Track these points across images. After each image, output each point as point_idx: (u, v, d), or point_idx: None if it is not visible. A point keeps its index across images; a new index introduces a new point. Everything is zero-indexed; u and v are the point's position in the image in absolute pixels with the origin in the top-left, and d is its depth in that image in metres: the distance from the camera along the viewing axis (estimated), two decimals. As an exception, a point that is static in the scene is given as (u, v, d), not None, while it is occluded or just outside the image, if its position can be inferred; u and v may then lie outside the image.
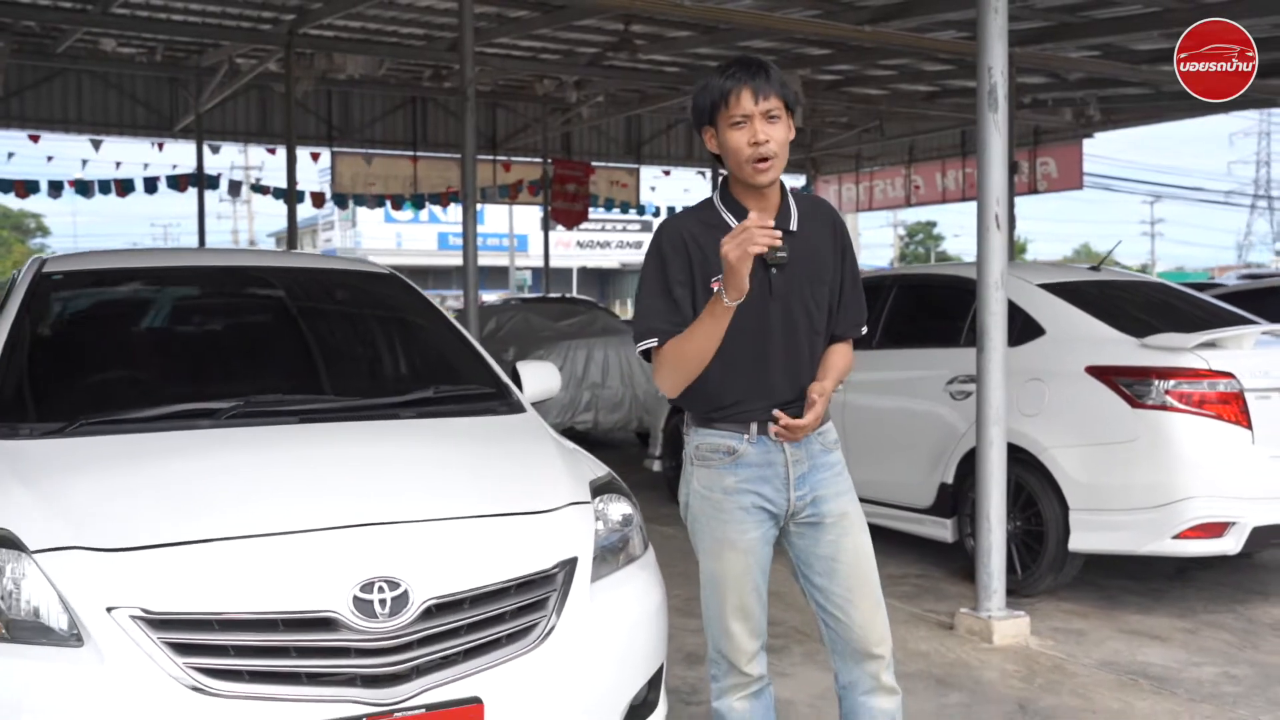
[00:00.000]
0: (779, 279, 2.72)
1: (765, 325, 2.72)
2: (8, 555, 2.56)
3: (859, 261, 3.23)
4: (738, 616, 2.83)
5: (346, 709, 2.49)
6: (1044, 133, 19.38)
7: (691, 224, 2.79)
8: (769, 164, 2.67)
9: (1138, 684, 4.41)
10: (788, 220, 2.76)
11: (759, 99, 2.64)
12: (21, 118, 16.89)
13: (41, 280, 3.83)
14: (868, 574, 2.85)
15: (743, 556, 2.80)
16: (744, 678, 2.88)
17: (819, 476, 2.81)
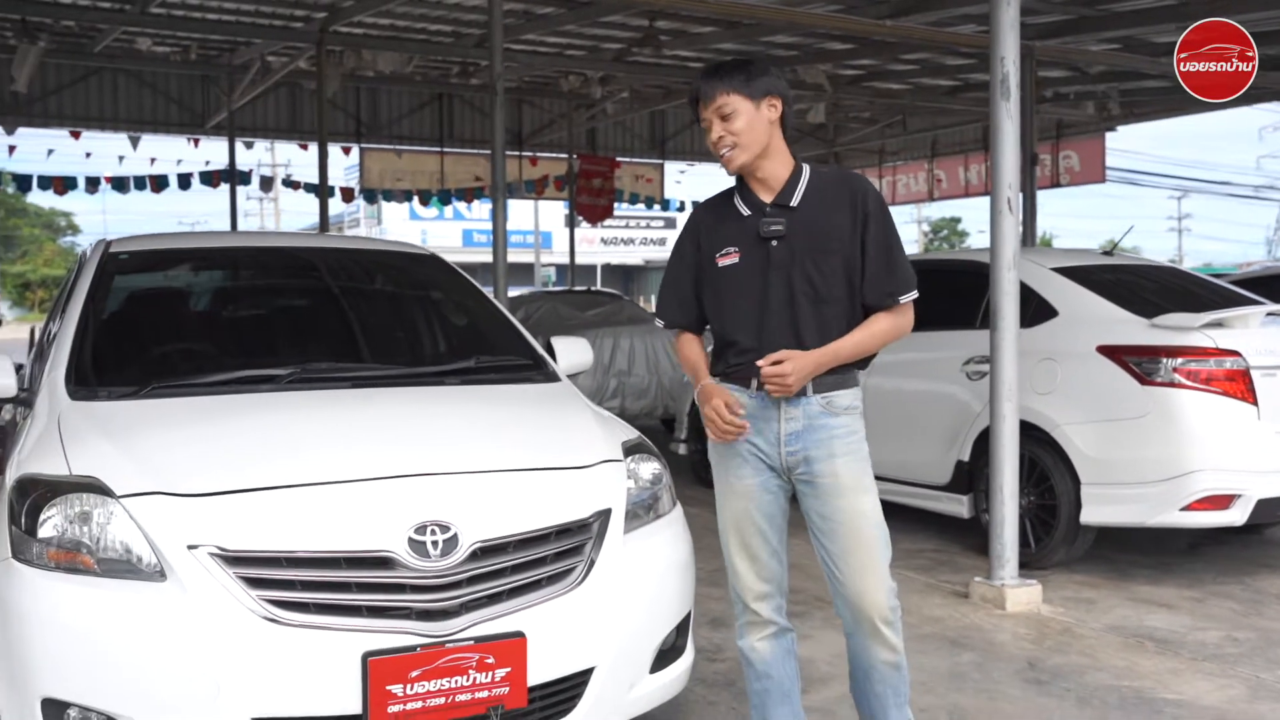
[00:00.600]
0: (779, 250, 2.98)
1: (765, 293, 2.99)
2: (97, 500, 2.83)
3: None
4: (742, 555, 3.09)
5: (403, 639, 2.73)
6: (1066, 126, 19.47)
7: (708, 209, 3.17)
8: (731, 152, 2.99)
9: (1143, 645, 4.61)
10: (789, 197, 3.01)
11: (706, 104, 3.00)
12: (60, 116, 17.27)
13: (109, 260, 4.10)
14: (866, 536, 3.00)
15: (741, 499, 3.07)
16: (755, 616, 3.12)
17: (815, 437, 3.00)
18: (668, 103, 18.74)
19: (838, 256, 2.99)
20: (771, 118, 2.99)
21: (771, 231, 2.98)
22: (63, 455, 2.99)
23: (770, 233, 2.98)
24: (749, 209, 3.05)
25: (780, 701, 3.18)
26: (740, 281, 3.01)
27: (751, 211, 3.04)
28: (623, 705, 3.15)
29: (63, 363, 3.51)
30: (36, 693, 2.68)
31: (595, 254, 49.32)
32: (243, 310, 4.36)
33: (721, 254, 3.04)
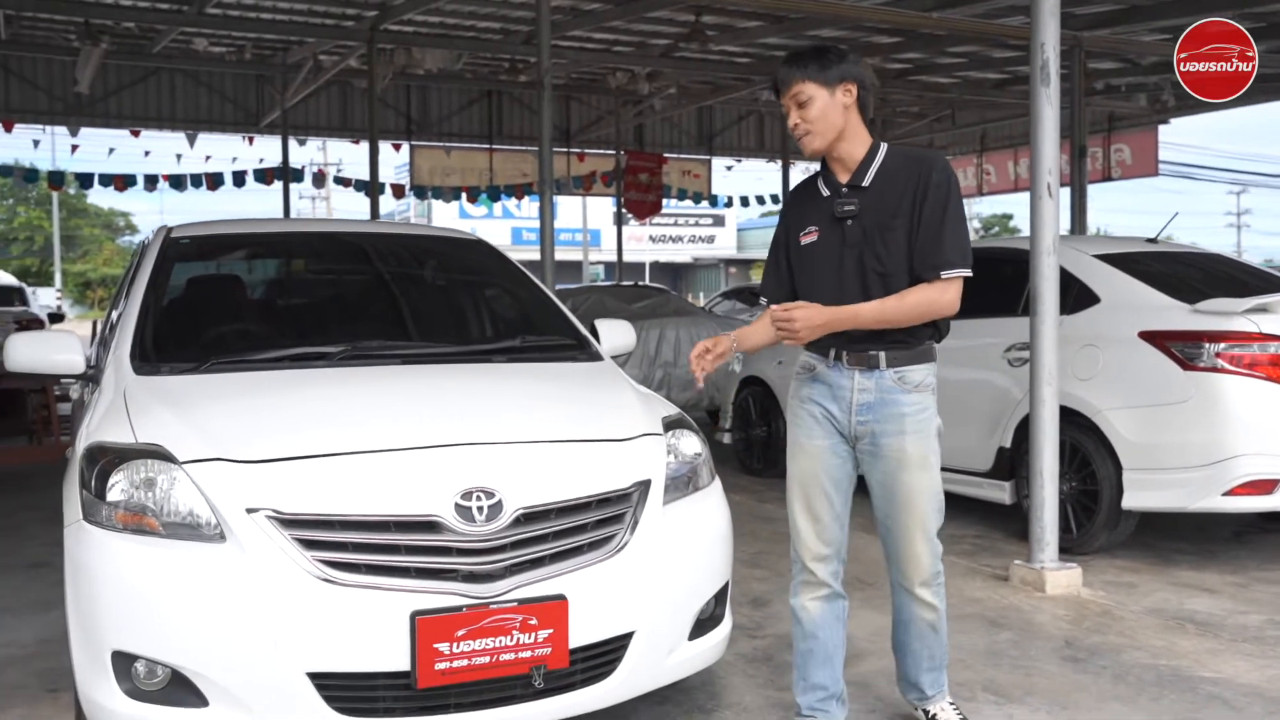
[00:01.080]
0: (853, 229, 3.15)
1: (840, 270, 3.15)
2: (161, 466, 2.97)
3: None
4: (805, 515, 3.25)
5: (449, 600, 2.85)
6: (1118, 119, 19.27)
7: (798, 191, 3.41)
8: (806, 139, 3.16)
9: (1183, 627, 4.63)
10: (862, 178, 3.16)
11: (783, 91, 3.17)
12: (120, 116, 17.70)
13: (170, 245, 4.27)
14: (918, 508, 3.22)
15: (810, 459, 3.24)
16: (811, 576, 3.27)
17: (885, 411, 3.17)
18: (715, 98, 18.81)
19: (902, 233, 3.11)
20: (847, 103, 3.13)
21: (845, 211, 3.15)
22: (129, 425, 3.15)
23: (844, 212, 3.15)
24: (828, 189, 3.23)
25: (822, 664, 3.30)
26: (819, 259, 3.20)
27: (830, 192, 3.22)
28: (662, 670, 3.26)
29: (128, 341, 3.67)
30: (107, 645, 2.84)
31: (643, 251, 49.46)
32: (297, 292, 4.52)
33: (804, 233, 3.24)
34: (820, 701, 3.32)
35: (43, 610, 4.88)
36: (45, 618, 4.75)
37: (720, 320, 11.59)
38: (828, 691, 3.32)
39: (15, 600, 5.07)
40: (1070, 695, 3.86)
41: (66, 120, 17.52)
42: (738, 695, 3.87)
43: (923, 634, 3.34)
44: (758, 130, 22.20)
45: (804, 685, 3.34)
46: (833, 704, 3.34)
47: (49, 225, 55.07)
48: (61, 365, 3.73)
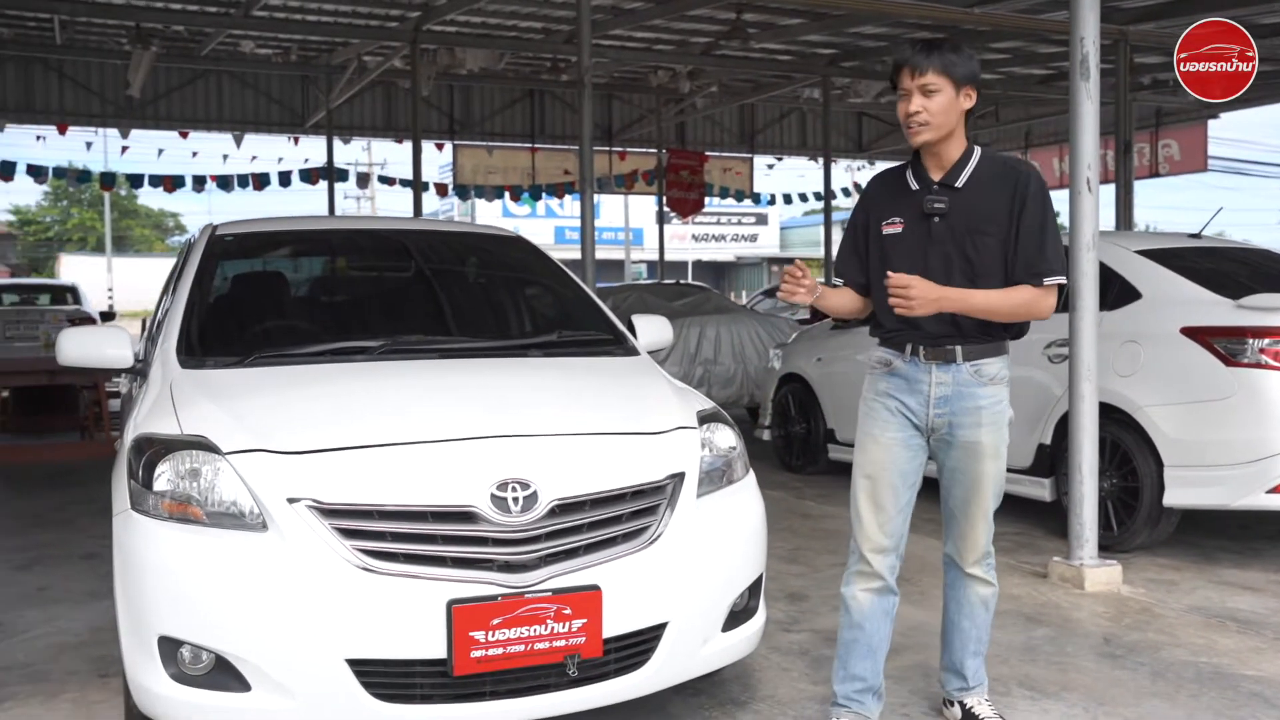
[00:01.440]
0: (940, 226, 3.21)
1: (925, 264, 3.19)
2: (205, 457, 3.05)
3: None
4: (870, 505, 3.28)
5: (485, 589, 2.90)
6: (1166, 114, 19.03)
7: (883, 178, 3.43)
8: (923, 129, 3.16)
9: (1224, 625, 4.59)
10: (956, 178, 3.22)
11: (914, 75, 3.14)
12: (169, 118, 18.00)
13: (215, 242, 4.36)
14: (983, 494, 3.32)
15: (883, 450, 3.28)
16: (867, 567, 3.30)
17: (962, 405, 3.24)
18: (757, 96, 18.79)
19: (994, 239, 3.19)
20: (965, 106, 3.19)
21: (934, 209, 3.21)
22: (175, 416, 3.23)
23: (933, 209, 3.21)
24: (918, 184, 3.27)
25: (865, 655, 3.33)
26: (901, 250, 3.24)
27: (920, 186, 3.26)
28: (695, 661, 3.29)
29: (174, 335, 3.76)
30: (154, 631, 2.91)
31: (686, 250, 49.44)
32: (338, 288, 4.60)
33: (887, 222, 3.28)
34: (857, 692, 3.35)
35: (94, 600, 5.00)
36: (97, 607, 4.87)
37: (761, 318, 11.58)
38: (866, 684, 3.35)
39: (68, 590, 5.20)
40: (1107, 691, 3.85)
41: (118, 123, 17.85)
42: (771, 688, 3.89)
43: (974, 612, 3.42)
44: (799, 128, 22.14)
45: (843, 674, 3.38)
46: (869, 697, 3.36)
47: (101, 225, 56.02)
48: (111, 360, 3.82)
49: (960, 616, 3.45)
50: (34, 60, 16.62)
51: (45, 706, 3.76)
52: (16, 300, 16.76)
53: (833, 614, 4.75)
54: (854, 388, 7.55)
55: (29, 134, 17.86)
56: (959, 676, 3.50)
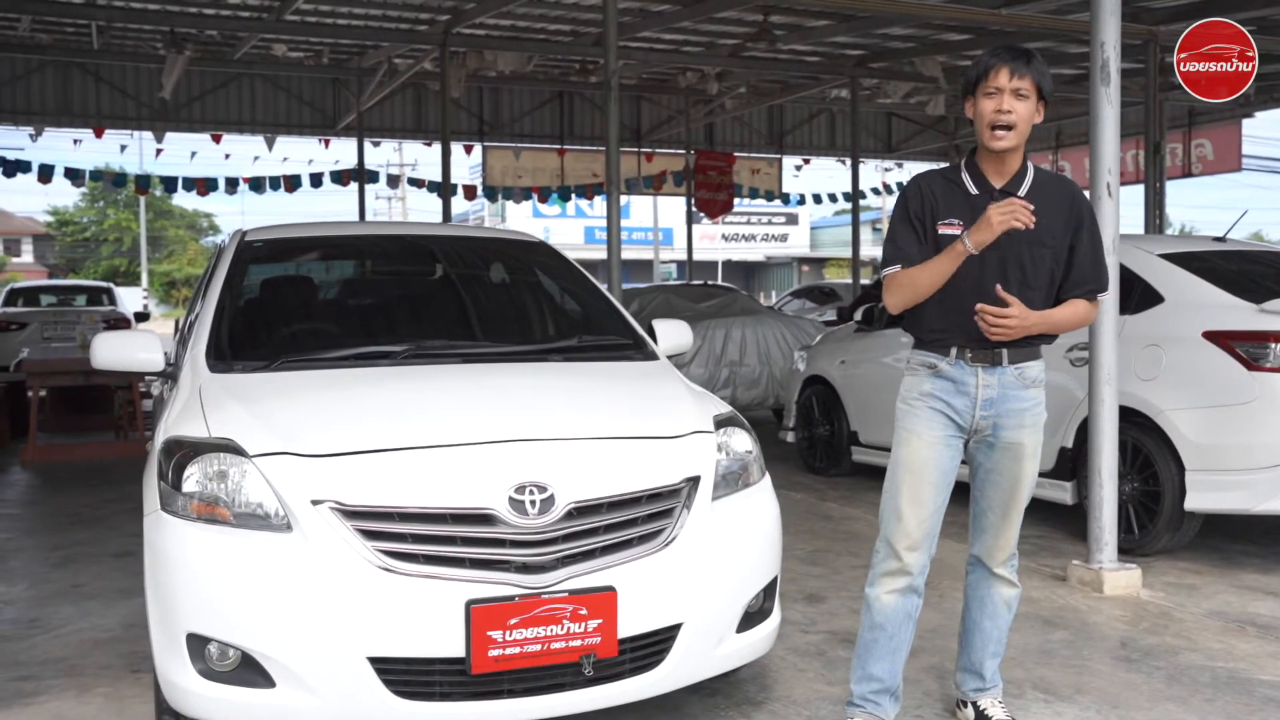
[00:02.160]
0: (1001, 235, 3.20)
1: (981, 272, 3.22)
2: (232, 459, 3.14)
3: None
4: (911, 500, 3.31)
5: (503, 589, 2.97)
6: (1198, 114, 18.87)
7: (934, 180, 3.39)
8: (1006, 133, 3.17)
9: (1243, 630, 4.60)
10: (1018, 187, 3.26)
11: (1013, 76, 3.17)
12: (202, 120, 18.24)
13: (245, 248, 4.46)
14: (1020, 495, 3.39)
15: (926, 447, 3.31)
16: (899, 564, 3.32)
17: (1007, 406, 3.30)
18: (785, 97, 18.80)
19: (1048, 250, 3.25)
20: (1038, 119, 3.25)
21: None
22: (203, 420, 3.32)
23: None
24: (977, 189, 3.29)
25: (884, 656, 3.36)
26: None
27: (980, 191, 3.28)
28: (710, 661, 3.35)
29: (203, 340, 3.86)
30: (182, 628, 3.00)
31: (716, 250, 49.43)
32: (363, 293, 4.69)
33: (945, 222, 3.28)
34: (873, 693, 3.38)
35: (126, 597, 5.12)
36: (129, 603, 4.99)
37: (787, 320, 11.61)
38: (883, 685, 3.38)
39: (102, 587, 5.32)
40: (1121, 695, 3.87)
41: (153, 126, 18.10)
42: (787, 688, 3.95)
43: (998, 612, 3.47)
44: (828, 129, 22.13)
45: (861, 674, 3.41)
46: (885, 698, 3.39)
47: (136, 226, 56.66)
48: (142, 363, 3.93)
49: (983, 617, 3.49)
50: (72, 65, 16.89)
51: (78, 700, 3.87)
52: (54, 301, 17.04)
53: (851, 616, 4.80)
54: (878, 390, 7.66)
55: (66, 137, 18.16)
56: (977, 677, 3.54)
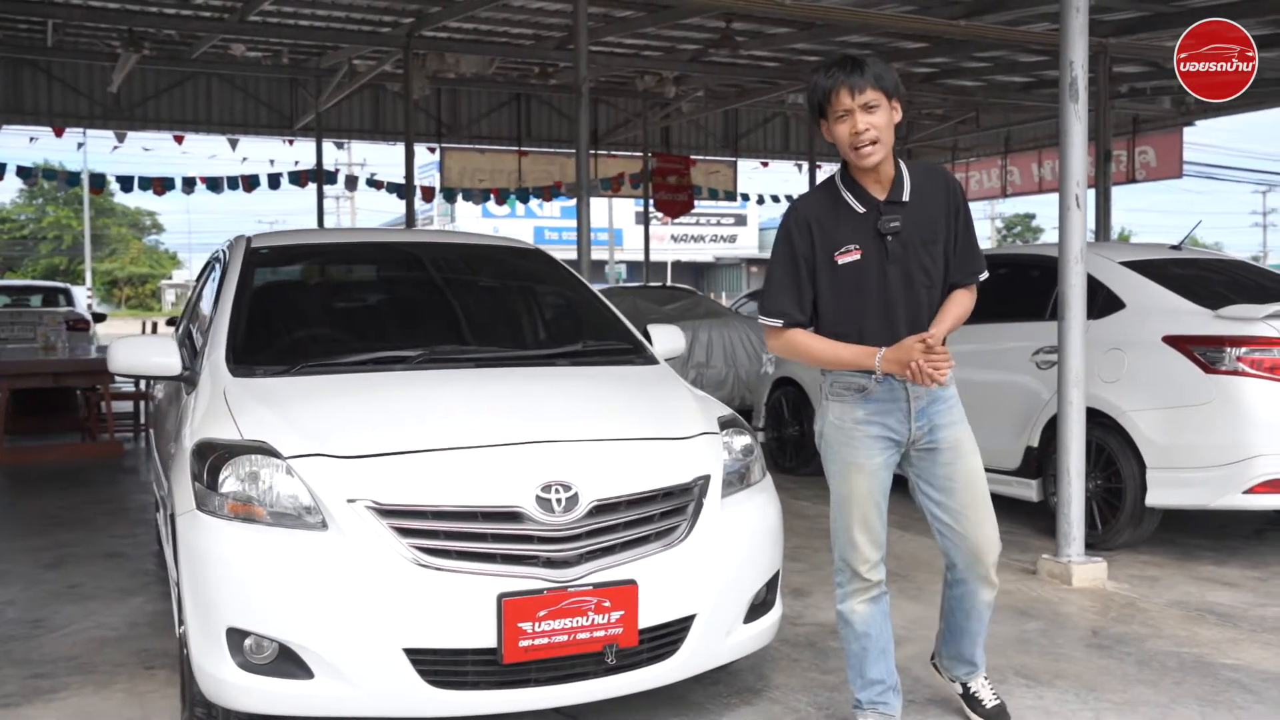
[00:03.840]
0: (895, 244, 3.22)
1: (886, 285, 3.23)
2: (266, 461, 3.27)
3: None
4: (861, 529, 3.37)
5: (531, 583, 3.13)
6: (1143, 121, 19.39)
7: (814, 206, 3.31)
8: (872, 148, 3.14)
9: (1204, 619, 4.87)
10: (901, 193, 3.23)
11: (855, 94, 3.11)
12: (157, 119, 18.07)
13: (252, 254, 4.57)
14: (980, 491, 3.41)
15: (868, 478, 3.33)
16: (865, 583, 3.42)
17: (936, 409, 3.35)
18: (741, 101, 19.05)
19: (939, 245, 3.28)
20: (896, 119, 3.20)
21: (891, 228, 3.19)
22: (233, 423, 3.45)
23: (890, 229, 3.19)
24: (863, 205, 3.23)
25: (878, 658, 3.49)
26: (862, 276, 3.21)
27: (866, 208, 3.23)
28: (720, 650, 3.53)
29: (221, 344, 3.97)
30: (222, 623, 3.13)
31: (665, 251, 49.66)
32: (373, 300, 4.82)
33: (841, 252, 3.21)
34: (880, 694, 3.50)
35: (126, 596, 5.20)
36: (131, 603, 5.07)
37: (751, 322, 11.84)
38: (885, 684, 3.51)
39: (100, 587, 5.39)
40: (1096, 679, 4.11)
41: (105, 124, 17.92)
42: (784, 678, 4.14)
43: (982, 615, 3.54)
44: (783, 132, 22.43)
45: (862, 682, 3.50)
46: (890, 695, 3.52)
47: (77, 224, 55.74)
48: (160, 368, 4.04)
49: (969, 621, 3.56)
50: (23, 62, 16.69)
51: (99, 696, 3.96)
52: (8, 302, 16.84)
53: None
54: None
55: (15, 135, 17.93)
56: (967, 664, 3.68)
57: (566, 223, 46.32)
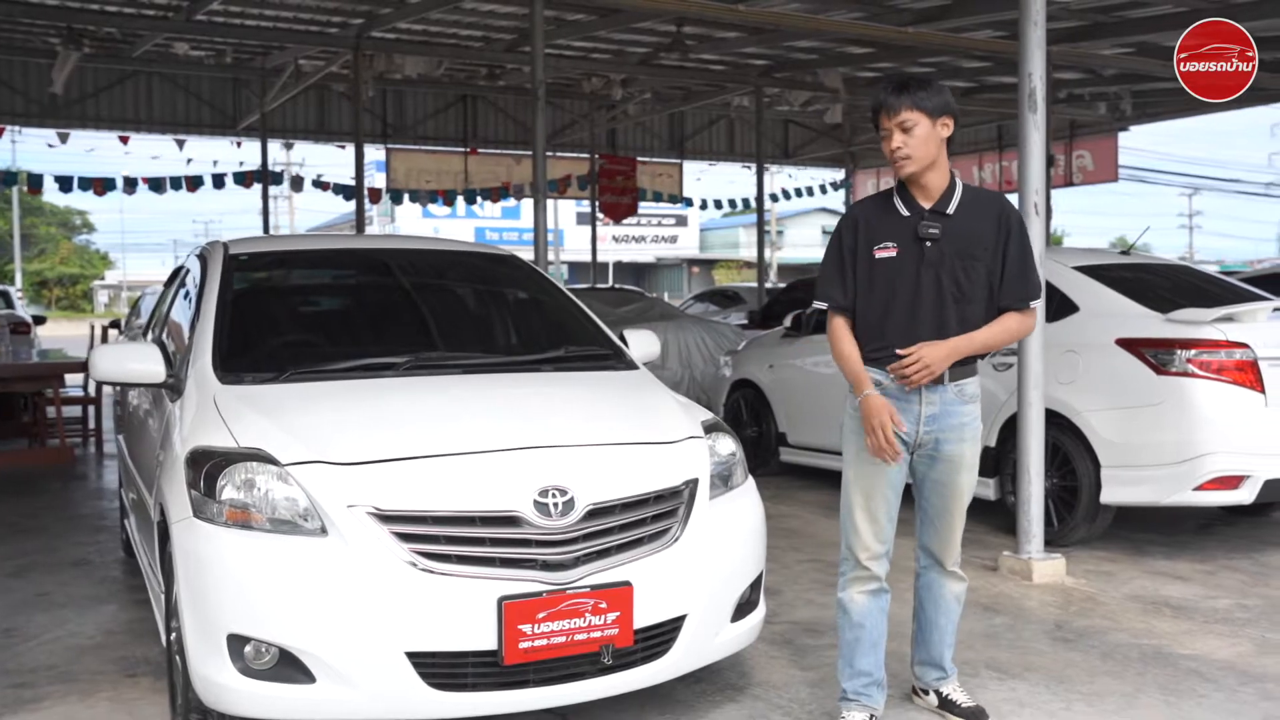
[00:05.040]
0: (932, 251, 3.46)
1: (917, 288, 3.46)
2: (264, 468, 3.29)
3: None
4: (865, 517, 3.55)
5: (530, 586, 3.19)
6: (1080, 127, 19.90)
7: (868, 208, 3.63)
8: (906, 161, 3.43)
9: (1160, 611, 5.06)
10: (946, 206, 3.48)
11: (891, 115, 3.41)
12: (96, 118, 17.77)
13: (230, 260, 4.56)
14: (962, 504, 3.65)
15: (878, 470, 3.52)
16: (865, 572, 3.58)
17: (949, 422, 3.52)
18: (688, 104, 19.20)
19: (981, 263, 3.48)
20: (943, 135, 3.45)
21: (929, 234, 3.44)
22: (226, 430, 3.46)
23: (927, 234, 3.44)
24: (908, 211, 3.49)
25: (869, 651, 3.63)
26: (895, 273, 3.46)
27: (911, 213, 3.49)
28: (709, 649, 3.62)
29: (207, 351, 3.97)
30: (223, 629, 3.15)
31: (607, 251, 49.63)
32: (356, 306, 4.83)
33: (880, 247, 3.48)
34: (864, 686, 3.64)
35: (97, 604, 5.16)
36: (104, 610, 5.04)
37: (706, 324, 11.96)
38: (871, 678, 3.64)
39: (70, 595, 5.34)
40: (1064, 671, 4.27)
41: (43, 122, 17.58)
42: (765, 674, 4.24)
43: (950, 609, 3.75)
44: (728, 135, 22.63)
45: (850, 671, 3.65)
46: (874, 689, 3.65)
47: (3, 223, 54.42)
48: (144, 375, 4.03)
49: (938, 614, 3.75)
50: (-46, 59, 16.33)
51: (84, 704, 3.94)
52: (-57, 305, 16.42)
53: (807, 606, 5.13)
54: (806, 393, 8.05)
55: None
56: (937, 668, 3.83)
57: (507, 223, 46.20)
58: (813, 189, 24.72)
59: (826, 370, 8.02)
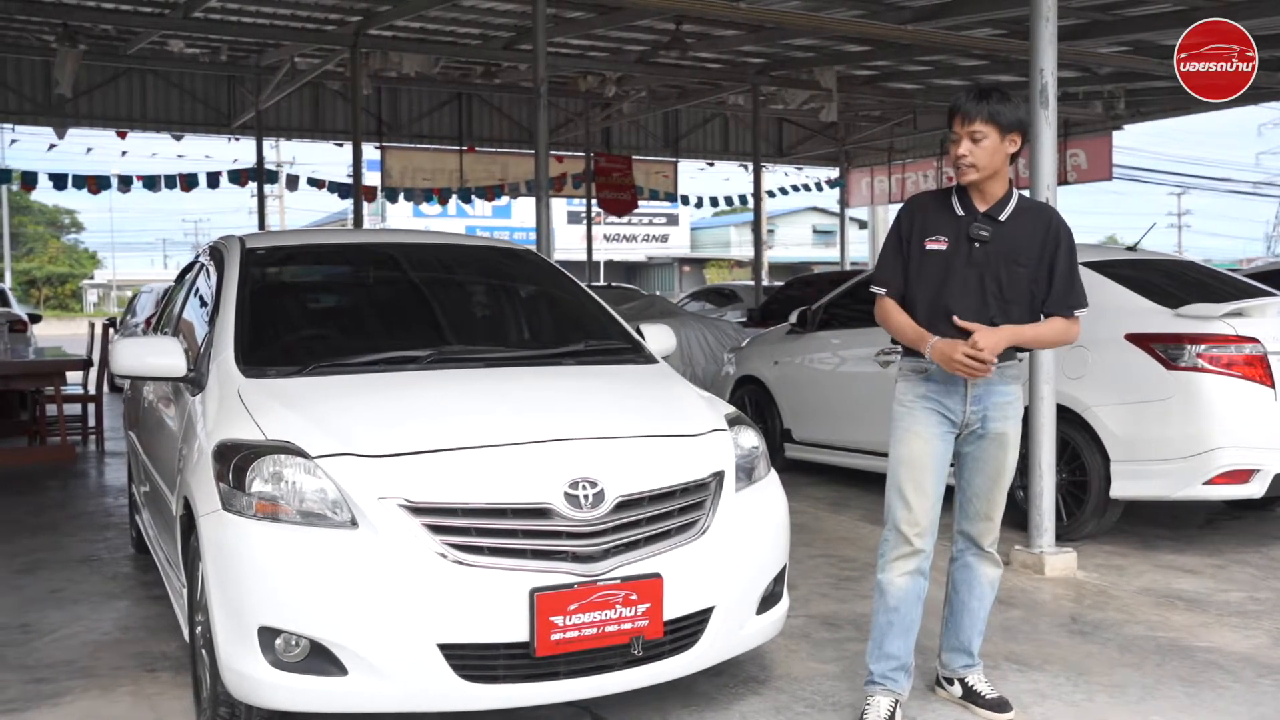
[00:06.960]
0: (979, 251, 3.56)
1: (963, 285, 3.56)
2: (294, 461, 3.28)
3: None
4: (916, 491, 3.61)
5: (561, 578, 3.19)
6: (1074, 125, 19.93)
7: (926, 199, 3.76)
8: (969, 169, 3.53)
9: (1174, 604, 5.08)
10: (1000, 212, 3.59)
11: (963, 124, 3.52)
12: (90, 116, 17.71)
13: (248, 255, 4.55)
14: (1004, 483, 3.72)
15: (924, 443, 3.62)
16: (909, 548, 3.62)
17: (994, 400, 3.62)
18: (683, 102, 19.20)
19: (1025, 270, 3.57)
20: (1010, 150, 3.56)
21: (979, 235, 3.56)
22: (253, 423, 3.45)
23: (977, 235, 3.56)
24: (963, 210, 3.61)
25: (900, 635, 3.66)
26: (941, 267, 3.58)
27: (965, 213, 3.61)
28: (735, 641, 3.63)
29: (229, 345, 3.96)
30: (254, 622, 3.14)
31: (598, 250, 49.50)
32: (375, 300, 4.80)
33: (931, 239, 3.61)
34: (892, 670, 3.67)
35: (111, 600, 5.15)
36: (117, 606, 5.03)
37: (707, 322, 11.97)
38: (899, 662, 3.67)
39: (82, 592, 5.32)
40: (1083, 663, 4.28)
41: (37, 120, 17.52)
42: (785, 668, 4.25)
43: (984, 593, 3.80)
44: (723, 134, 22.65)
45: (879, 654, 3.68)
46: (901, 674, 3.68)
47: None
48: (165, 369, 4.01)
49: (971, 598, 3.81)
50: (-52, 57, 16.26)
51: (106, 699, 3.93)
52: (-62, 303, 16.35)
53: (823, 600, 5.15)
54: (811, 389, 8.05)
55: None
56: (966, 655, 3.86)
57: (498, 222, 46.16)
58: (808, 185, 24.76)
59: (831, 366, 8.04)
